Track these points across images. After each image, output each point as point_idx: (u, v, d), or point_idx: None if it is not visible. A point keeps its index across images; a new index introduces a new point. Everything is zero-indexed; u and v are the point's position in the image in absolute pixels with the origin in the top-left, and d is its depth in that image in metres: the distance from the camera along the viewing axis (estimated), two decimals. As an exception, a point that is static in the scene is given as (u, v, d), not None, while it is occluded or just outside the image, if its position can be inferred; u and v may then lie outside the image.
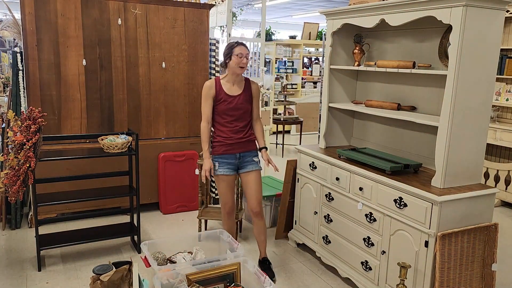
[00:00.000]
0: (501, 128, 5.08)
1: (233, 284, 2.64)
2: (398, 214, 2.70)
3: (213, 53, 4.60)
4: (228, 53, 3.03)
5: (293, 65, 10.75)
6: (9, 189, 3.49)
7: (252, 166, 3.21)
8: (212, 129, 3.21)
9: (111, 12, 4.04)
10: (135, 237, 3.70)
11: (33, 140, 2.97)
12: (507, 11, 4.85)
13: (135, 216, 3.68)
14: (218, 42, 4.65)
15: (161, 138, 4.47)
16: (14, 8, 4.41)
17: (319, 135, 3.86)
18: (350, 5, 3.28)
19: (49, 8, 3.81)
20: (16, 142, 2.97)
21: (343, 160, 3.24)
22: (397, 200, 2.70)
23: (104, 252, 3.59)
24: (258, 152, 3.29)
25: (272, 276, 3.21)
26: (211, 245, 3.15)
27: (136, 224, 3.64)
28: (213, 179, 3.86)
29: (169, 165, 4.41)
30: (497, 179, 4.92)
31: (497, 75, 4.13)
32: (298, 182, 3.72)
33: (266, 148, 3.31)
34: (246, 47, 3.07)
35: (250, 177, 3.20)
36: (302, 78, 10.97)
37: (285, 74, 10.68)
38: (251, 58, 6.24)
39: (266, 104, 5.83)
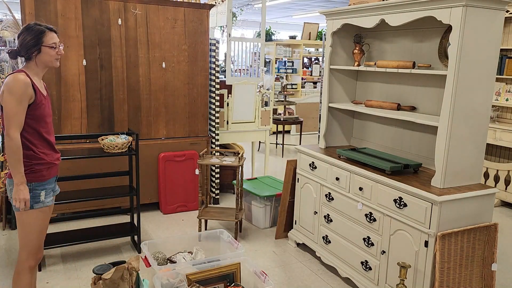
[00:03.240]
0: (501, 128, 5.08)
1: (233, 284, 2.65)
2: (398, 214, 2.70)
3: (213, 53, 4.60)
4: (36, 43, 2.24)
5: (293, 65, 10.76)
6: (9, 189, 3.49)
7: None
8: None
9: (111, 12, 4.04)
10: (135, 237, 3.70)
11: (33, 140, 2.95)
12: (507, 11, 4.85)
13: (135, 216, 3.68)
14: (218, 42, 4.65)
15: (161, 138, 4.47)
16: (14, 8, 4.41)
17: (319, 135, 3.86)
18: (350, 5, 3.28)
19: (49, 8, 3.82)
20: (16, 142, 2.96)
21: (343, 160, 3.24)
22: (397, 200, 2.70)
23: (104, 252, 3.59)
24: None
25: None
26: (211, 245, 3.15)
27: (136, 224, 3.64)
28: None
29: (169, 165, 4.41)
30: (497, 179, 4.93)
31: (497, 75, 4.14)
32: (298, 182, 3.72)
33: None
34: (55, 31, 2.34)
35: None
36: (302, 78, 10.97)
37: (285, 74, 10.68)
38: (255, 60, 6.23)
39: (266, 104, 5.83)
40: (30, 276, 2.43)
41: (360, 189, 3.00)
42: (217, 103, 4.76)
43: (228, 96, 5.02)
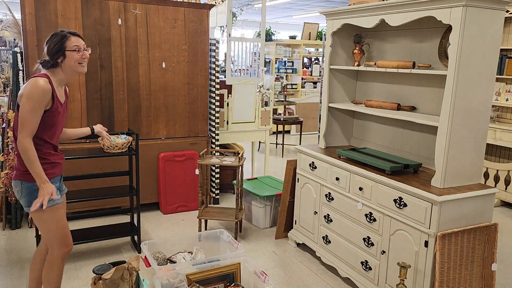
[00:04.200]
0: (501, 128, 5.08)
1: (233, 284, 2.65)
2: (398, 214, 2.70)
3: (213, 53, 4.60)
4: (59, 48, 2.25)
5: (293, 65, 10.76)
6: (9, 189, 3.50)
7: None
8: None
9: (111, 12, 4.04)
10: (135, 237, 3.70)
11: (33, 140, 2.96)
12: (507, 11, 4.85)
13: (135, 216, 3.68)
14: (218, 42, 4.65)
15: (161, 138, 4.47)
16: (14, 8, 4.41)
17: (319, 135, 3.86)
18: (350, 5, 3.28)
19: (49, 8, 3.82)
20: (16, 142, 2.97)
21: (343, 160, 3.24)
22: (397, 200, 2.70)
23: (104, 252, 3.59)
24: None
25: None
26: (211, 245, 3.15)
27: (136, 224, 3.64)
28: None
29: (169, 165, 4.41)
30: (497, 179, 4.93)
31: (497, 75, 4.15)
32: (298, 182, 3.72)
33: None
34: (79, 35, 2.35)
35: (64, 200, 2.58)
36: (302, 78, 10.98)
37: (285, 74, 10.69)
38: (255, 60, 6.24)
39: (266, 104, 5.84)
40: (61, 267, 2.50)
41: (360, 189, 3.00)
42: (217, 103, 4.76)
43: (228, 96, 5.02)
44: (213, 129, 4.74)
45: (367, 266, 2.97)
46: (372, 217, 2.91)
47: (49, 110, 2.26)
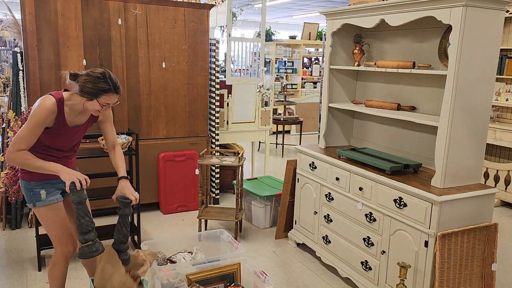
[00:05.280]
0: (501, 128, 5.08)
1: (233, 284, 2.65)
2: (398, 214, 2.70)
3: (213, 53, 4.60)
4: (94, 93, 2.18)
5: (293, 65, 10.76)
6: (9, 189, 3.50)
7: None
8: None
9: (111, 12, 4.04)
10: (135, 237, 3.70)
11: (33, 140, 2.96)
12: (507, 11, 4.85)
13: (135, 216, 3.68)
14: (218, 42, 4.65)
15: (161, 138, 4.47)
16: (14, 8, 4.41)
17: (319, 135, 3.86)
18: (350, 5, 3.28)
19: (49, 8, 3.82)
20: (16, 142, 2.96)
21: (343, 160, 3.24)
22: (397, 200, 2.70)
23: (104, 252, 3.59)
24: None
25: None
26: (211, 245, 3.15)
27: (136, 224, 3.64)
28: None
29: (169, 165, 4.41)
30: (496, 179, 4.93)
31: (497, 75, 4.15)
32: (298, 182, 3.72)
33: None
34: (119, 93, 2.26)
35: None
36: (302, 78, 10.98)
37: (285, 74, 10.68)
38: (255, 60, 6.24)
39: (266, 104, 5.84)
40: (64, 266, 2.49)
41: (360, 189, 3.00)
42: (217, 103, 4.76)
43: (228, 96, 5.02)
44: (213, 129, 4.74)
45: (367, 266, 2.97)
46: (372, 217, 2.91)
47: (50, 129, 2.24)
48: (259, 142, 7.77)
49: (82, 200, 2.21)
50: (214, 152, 4.40)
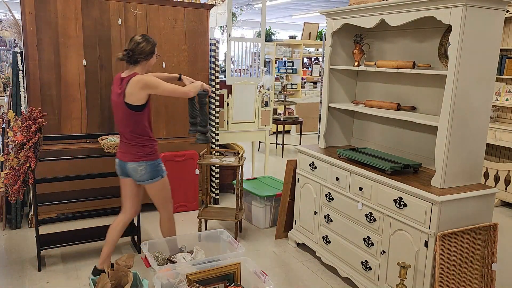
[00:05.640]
0: (501, 128, 5.08)
1: (233, 284, 2.65)
2: (398, 214, 2.70)
3: (213, 53, 4.60)
4: (152, 51, 2.84)
5: (293, 65, 10.76)
6: (9, 189, 3.50)
7: None
8: (139, 138, 2.91)
9: (111, 12, 4.04)
10: (135, 237, 3.70)
11: (33, 140, 2.97)
12: (507, 11, 4.85)
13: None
14: (218, 42, 4.65)
15: (161, 138, 4.46)
16: (14, 8, 4.41)
17: (319, 135, 3.86)
18: (350, 5, 3.28)
19: (49, 8, 3.82)
20: (16, 142, 2.97)
21: (343, 160, 3.24)
22: (397, 200, 2.70)
23: (104, 252, 3.59)
24: None
25: None
26: (211, 245, 3.14)
27: (136, 224, 3.64)
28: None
29: (169, 165, 4.39)
30: (497, 179, 4.93)
31: (497, 75, 4.14)
32: (298, 182, 3.72)
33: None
34: None
35: None
36: (302, 78, 10.98)
37: (285, 74, 10.68)
38: (255, 60, 6.25)
39: (266, 104, 5.84)
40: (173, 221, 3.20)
41: (360, 189, 3.00)
42: (217, 103, 4.76)
43: (228, 96, 5.02)
44: (213, 129, 4.74)
45: (367, 266, 2.97)
46: (372, 217, 2.91)
47: (147, 104, 2.87)
48: (259, 142, 7.77)
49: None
50: (214, 152, 4.40)
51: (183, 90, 2.94)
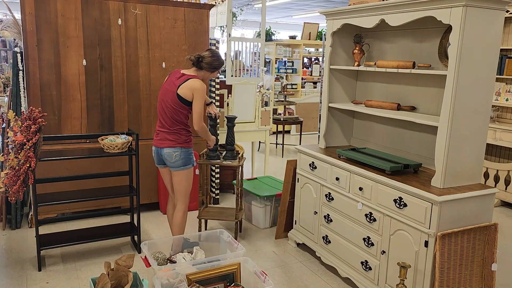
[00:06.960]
0: (501, 128, 5.08)
1: (233, 284, 2.65)
2: (398, 214, 2.70)
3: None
4: (216, 68, 3.20)
5: (293, 65, 10.76)
6: (9, 189, 3.50)
7: None
8: (178, 126, 3.23)
9: (111, 12, 4.04)
10: (135, 237, 3.70)
11: (33, 140, 2.97)
12: (507, 11, 4.85)
13: (135, 216, 3.68)
14: (218, 42, 4.65)
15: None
16: (14, 8, 4.41)
17: (319, 135, 3.86)
18: (350, 5, 3.28)
19: (49, 8, 3.81)
20: (16, 142, 2.97)
21: (343, 160, 3.24)
22: (397, 200, 2.70)
23: (104, 252, 3.59)
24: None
25: None
26: (211, 245, 3.15)
27: (136, 224, 3.64)
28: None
29: (169, 165, 4.40)
30: (497, 179, 4.93)
31: (497, 75, 4.15)
32: (298, 182, 3.72)
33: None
34: None
35: None
36: (302, 78, 10.97)
37: (285, 74, 10.68)
38: (255, 60, 6.26)
39: (266, 104, 5.84)
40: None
41: (360, 189, 3.00)
42: (217, 103, 4.76)
43: (228, 96, 5.02)
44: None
45: (367, 266, 2.97)
46: (372, 217, 2.91)
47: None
48: (259, 142, 7.77)
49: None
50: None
51: (200, 120, 3.16)
